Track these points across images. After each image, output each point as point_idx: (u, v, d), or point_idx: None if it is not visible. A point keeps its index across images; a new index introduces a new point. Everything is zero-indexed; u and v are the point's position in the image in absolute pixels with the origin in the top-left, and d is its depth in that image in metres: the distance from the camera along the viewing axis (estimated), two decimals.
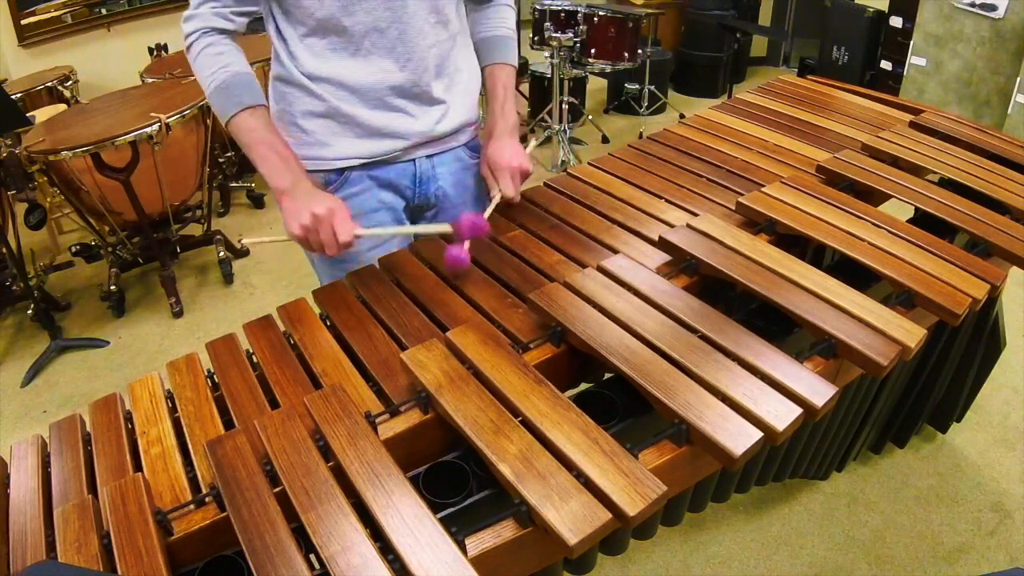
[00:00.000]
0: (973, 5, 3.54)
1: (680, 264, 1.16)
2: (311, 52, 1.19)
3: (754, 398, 0.85)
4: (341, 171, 1.29)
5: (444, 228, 1.20)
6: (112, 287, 2.96)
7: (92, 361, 2.70)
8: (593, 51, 3.84)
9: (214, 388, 1.02)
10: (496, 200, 1.30)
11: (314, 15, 1.15)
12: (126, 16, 4.30)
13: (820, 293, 1.03)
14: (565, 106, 3.89)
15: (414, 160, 1.33)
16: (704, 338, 0.95)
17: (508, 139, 1.34)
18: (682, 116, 1.89)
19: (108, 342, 2.79)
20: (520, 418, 0.84)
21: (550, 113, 4.00)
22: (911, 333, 0.96)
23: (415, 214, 1.41)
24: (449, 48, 1.28)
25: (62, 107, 3.54)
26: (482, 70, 1.41)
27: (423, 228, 1.31)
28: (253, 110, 1.16)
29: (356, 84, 1.21)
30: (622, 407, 0.95)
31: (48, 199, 3.14)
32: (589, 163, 1.55)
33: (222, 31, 1.16)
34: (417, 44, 1.21)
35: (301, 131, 1.26)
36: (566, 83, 3.84)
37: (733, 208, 1.31)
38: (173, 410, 1.00)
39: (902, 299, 1.06)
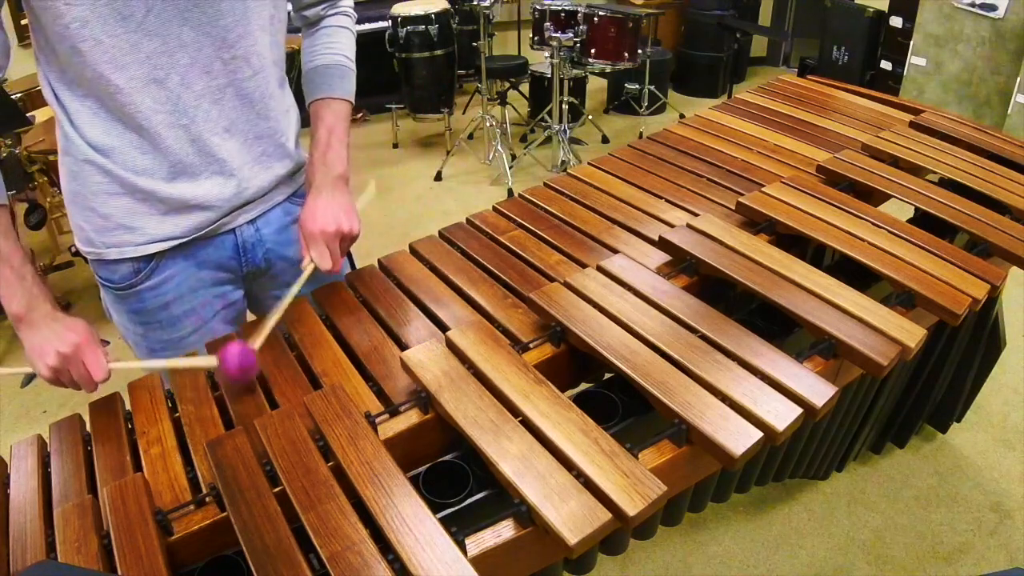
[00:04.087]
0: (973, 5, 3.54)
1: (680, 264, 1.16)
2: (94, 118, 1.00)
3: (754, 398, 0.85)
4: (151, 257, 1.09)
5: (210, 362, 0.97)
6: None
7: None
8: (593, 51, 3.83)
9: (214, 388, 1.02)
10: (306, 273, 1.09)
11: (83, 74, 0.95)
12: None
13: (820, 293, 1.03)
14: (565, 106, 3.89)
15: (234, 230, 1.14)
16: (704, 338, 0.95)
17: (327, 195, 1.11)
18: (682, 116, 1.90)
19: (108, 342, 2.77)
20: (520, 418, 0.84)
21: (550, 113, 4.00)
22: (911, 333, 0.96)
23: (251, 281, 1.23)
24: (254, 88, 1.06)
25: None
26: (309, 106, 1.19)
27: (185, 363, 1.02)
28: None
29: (146, 151, 1.01)
30: (622, 407, 0.95)
31: (48, 199, 3.14)
32: (589, 163, 1.55)
33: None
34: (206, 89, 1.01)
35: (97, 215, 1.06)
36: (566, 83, 3.84)
37: (733, 208, 1.31)
38: (173, 410, 1.00)
39: (902, 299, 1.06)
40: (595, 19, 3.76)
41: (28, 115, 3.09)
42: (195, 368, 1.03)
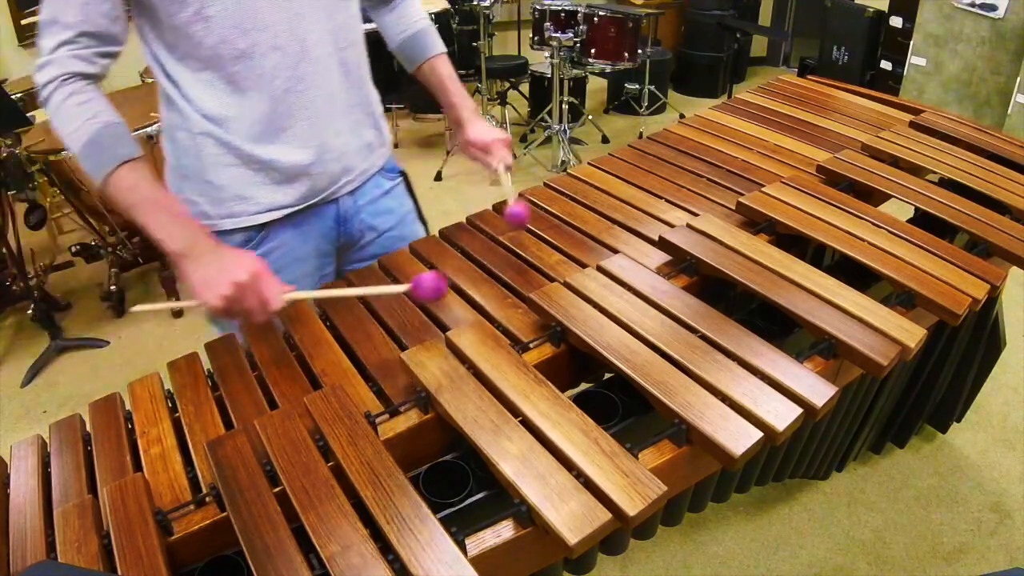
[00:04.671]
0: (973, 5, 3.54)
1: (680, 264, 1.16)
2: (209, 90, 1.05)
3: (754, 398, 0.85)
4: (262, 226, 1.15)
5: (400, 288, 1.01)
6: (112, 287, 2.95)
7: (92, 361, 2.69)
8: (593, 51, 3.84)
9: (214, 388, 1.02)
10: (504, 171, 1.28)
11: (204, 42, 1.01)
12: (126, 16, 4.29)
13: (820, 293, 1.03)
14: (565, 106, 3.89)
15: (337, 200, 1.22)
16: (704, 338, 0.95)
17: (479, 120, 1.32)
18: (682, 116, 1.90)
19: (108, 342, 2.79)
20: (520, 418, 0.84)
21: (550, 113, 4.00)
22: (911, 333, 0.96)
23: (341, 255, 1.31)
24: (350, 57, 1.15)
25: None
26: (419, 68, 1.33)
27: (373, 290, 1.10)
28: (132, 164, 0.98)
29: (260, 120, 1.08)
30: (622, 407, 0.95)
31: (48, 199, 3.14)
32: (589, 163, 1.55)
33: (85, 76, 0.98)
34: (318, 57, 1.09)
35: (212, 187, 1.11)
36: (566, 83, 3.84)
37: (733, 208, 1.31)
38: (173, 410, 1.00)
39: (902, 299, 1.06)
40: (595, 19, 3.76)
41: (28, 115, 3.08)
42: (384, 295, 1.09)
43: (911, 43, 3.89)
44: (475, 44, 4.00)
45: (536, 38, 3.91)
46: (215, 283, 0.95)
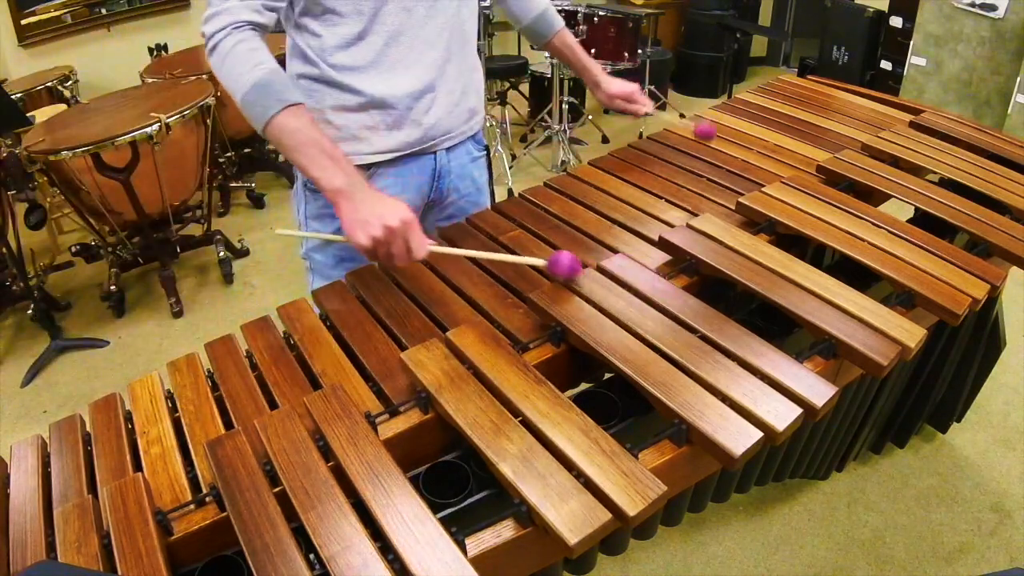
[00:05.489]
0: (973, 5, 3.54)
1: (680, 264, 1.16)
2: (342, 42, 1.17)
3: (754, 398, 0.85)
4: (369, 167, 1.28)
5: (539, 261, 1.09)
6: (112, 287, 2.96)
7: (92, 361, 2.70)
8: (593, 51, 3.83)
9: (214, 388, 1.02)
10: (654, 112, 1.59)
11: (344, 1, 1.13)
12: (126, 16, 4.30)
13: (820, 293, 1.03)
14: (565, 106, 3.89)
15: (435, 154, 1.33)
16: (704, 338, 0.95)
17: (612, 77, 1.60)
18: (682, 116, 1.90)
19: (108, 342, 2.79)
20: (520, 418, 0.84)
21: (550, 113, 4.00)
22: (911, 333, 0.96)
23: (426, 212, 1.41)
24: (470, 28, 1.30)
25: (62, 107, 3.54)
26: (549, 42, 1.57)
27: (512, 258, 1.16)
28: (295, 108, 1.05)
29: (385, 70, 1.20)
30: (622, 407, 0.95)
31: (48, 199, 3.14)
32: (589, 163, 1.55)
33: (255, 26, 1.07)
34: (441, 23, 1.22)
35: (331, 126, 1.24)
36: (566, 83, 3.84)
37: (733, 208, 1.31)
38: (173, 410, 1.00)
39: (902, 299, 1.06)
40: (595, 19, 3.76)
41: (28, 115, 3.09)
42: (523, 263, 1.14)
43: (911, 43, 3.89)
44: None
45: None
46: (368, 224, 1.03)
